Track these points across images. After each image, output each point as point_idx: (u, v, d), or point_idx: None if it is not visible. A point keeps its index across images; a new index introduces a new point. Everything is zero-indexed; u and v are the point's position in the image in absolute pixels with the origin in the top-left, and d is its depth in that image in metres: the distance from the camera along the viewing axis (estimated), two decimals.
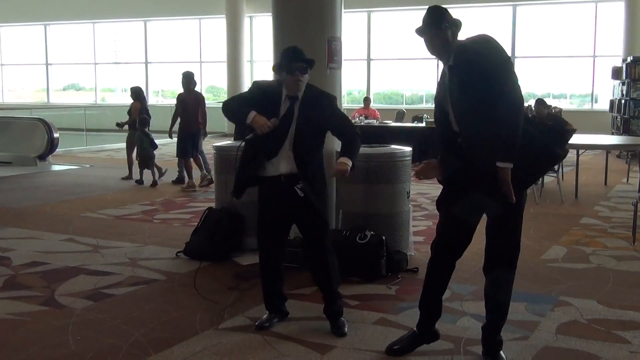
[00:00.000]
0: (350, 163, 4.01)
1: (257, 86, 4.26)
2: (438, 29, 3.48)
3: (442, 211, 3.79)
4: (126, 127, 11.23)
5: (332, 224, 5.82)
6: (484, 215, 3.73)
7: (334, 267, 4.27)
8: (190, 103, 10.20)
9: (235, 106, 4.17)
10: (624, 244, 6.56)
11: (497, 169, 3.40)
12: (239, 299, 4.81)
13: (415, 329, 3.91)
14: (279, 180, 4.08)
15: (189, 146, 10.21)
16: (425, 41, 3.55)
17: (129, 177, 11.05)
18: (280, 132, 4.02)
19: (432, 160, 3.75)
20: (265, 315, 4.32)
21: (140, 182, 10.59)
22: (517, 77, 3.45)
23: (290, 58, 4.06)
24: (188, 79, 10.29)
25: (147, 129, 10.67)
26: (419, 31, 3.56)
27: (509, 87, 3.39)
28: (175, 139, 10.53)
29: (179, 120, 10.36)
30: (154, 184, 10.46)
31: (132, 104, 11.07)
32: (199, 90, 11.09)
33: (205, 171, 10.47)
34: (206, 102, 10.56)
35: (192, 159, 10.36)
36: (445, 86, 3.61)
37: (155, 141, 10.73)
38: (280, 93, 4.10)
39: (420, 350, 3.85)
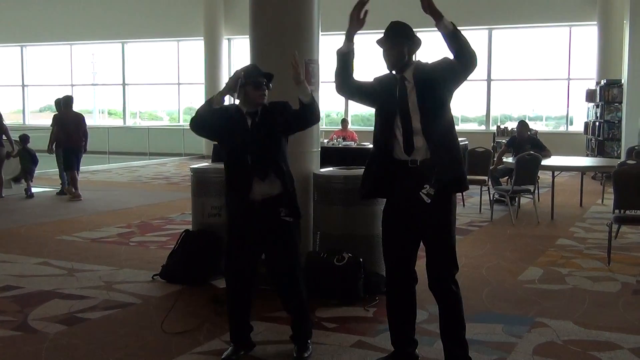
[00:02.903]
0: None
1: (219, 109, 4.15)
2: (403, 40, 3.73)
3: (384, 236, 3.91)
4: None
5: (309, 246, 5.81)
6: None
7: (306, 302, 4.26)
8: (70, 122, 11.49)
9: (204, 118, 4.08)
10: (599, 264, 6.61)
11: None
12: (215, 322, 4.76)
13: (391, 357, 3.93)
14: (254, 205, 4.02)
15: (73, 160, 11.46)
16: (384, 52, 3.79)
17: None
18: (255, 151, 3.98)
19: None
20: (230, 348, 4.19)
21: (30, 195, 11.59)
22: None
23: (255, 72, 4.05)
24: (67, 102, 11.68)
25: (27, 145, 11.95)
26: (381, 41, 3.77)
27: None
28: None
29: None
30: (30, 195, 11.58)
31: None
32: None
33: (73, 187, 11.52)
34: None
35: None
36: (399, 95, 3.73)
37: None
38: (240, 114, 4.05)
39: None
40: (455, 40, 3.56)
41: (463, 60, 3.59)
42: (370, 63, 3.99)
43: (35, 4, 23.24)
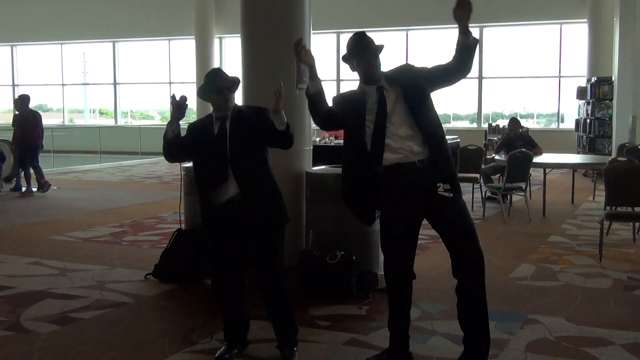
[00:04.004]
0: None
1: (190, 127, 4.19)
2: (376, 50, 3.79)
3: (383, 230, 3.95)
4: None
5: (302, 244, 5.81)
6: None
7: (289, 303, 4.10)
8: (30, 121, 11.72)
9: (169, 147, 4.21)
10: (591, 261, 6.63)
11: None
12: (209, 321, 4.76)
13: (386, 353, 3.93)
14: (232, 204, 3.93)
15: (28, 158, 11.77)
16: (364, 64, 3.79)
17: None
18: (219, 153, 3.94)
19: None
20: (223, 347, 4.15)
21: None
22: None
23: (214, 79, 4.02)
24: (24, 101, 11.92)
25: None
26: (358, 55, 3.79)
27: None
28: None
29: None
30: None
31: None
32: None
33: (44, 178, 11.98)
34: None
35: (31, 169, 11.89)
36: (379, 106, 3.75)
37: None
38: (211, 120, 4.04)
39: None
40: (469, 52, 3.62)
41: (464, 71, 3.69)
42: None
43: (25, 4, 23.15)
